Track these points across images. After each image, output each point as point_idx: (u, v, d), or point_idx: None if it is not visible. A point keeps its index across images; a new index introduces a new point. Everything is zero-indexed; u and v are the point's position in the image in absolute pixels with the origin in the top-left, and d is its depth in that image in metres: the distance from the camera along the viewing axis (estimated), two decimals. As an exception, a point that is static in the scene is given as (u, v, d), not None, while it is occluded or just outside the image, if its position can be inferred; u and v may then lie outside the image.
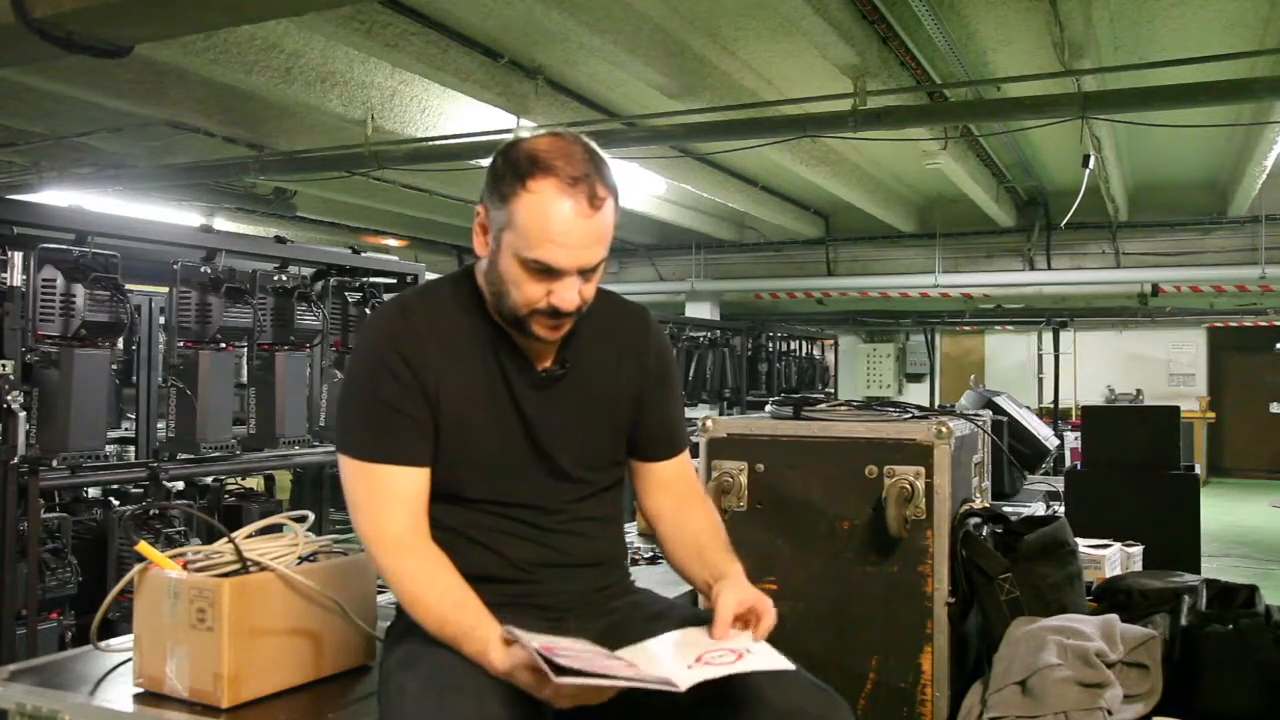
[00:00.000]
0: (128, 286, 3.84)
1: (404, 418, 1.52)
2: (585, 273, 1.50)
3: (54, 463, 3.53)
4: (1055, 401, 11.18)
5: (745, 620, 1.48)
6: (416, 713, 1.38)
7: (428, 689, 1.40)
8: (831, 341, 13.38)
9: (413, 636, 1.53)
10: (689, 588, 2.28)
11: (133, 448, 5.13)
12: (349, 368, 1.64)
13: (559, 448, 1.60)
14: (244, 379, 4.70)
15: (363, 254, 5.11)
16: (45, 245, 3.61)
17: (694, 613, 1.71)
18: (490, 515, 1.58)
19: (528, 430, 1.58)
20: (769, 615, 1.48)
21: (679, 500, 1.72)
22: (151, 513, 3.74)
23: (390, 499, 1.51)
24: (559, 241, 1.44)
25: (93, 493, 4.19)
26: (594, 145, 1.50)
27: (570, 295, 1.48)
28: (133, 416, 5.19)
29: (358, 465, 1.53)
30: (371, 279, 4.92)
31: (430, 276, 5.00)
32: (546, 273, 1.47)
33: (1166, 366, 13.60)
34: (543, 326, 1.52)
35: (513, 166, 1.46)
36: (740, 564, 1.60)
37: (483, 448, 1.57)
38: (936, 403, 10.75)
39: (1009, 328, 13.96)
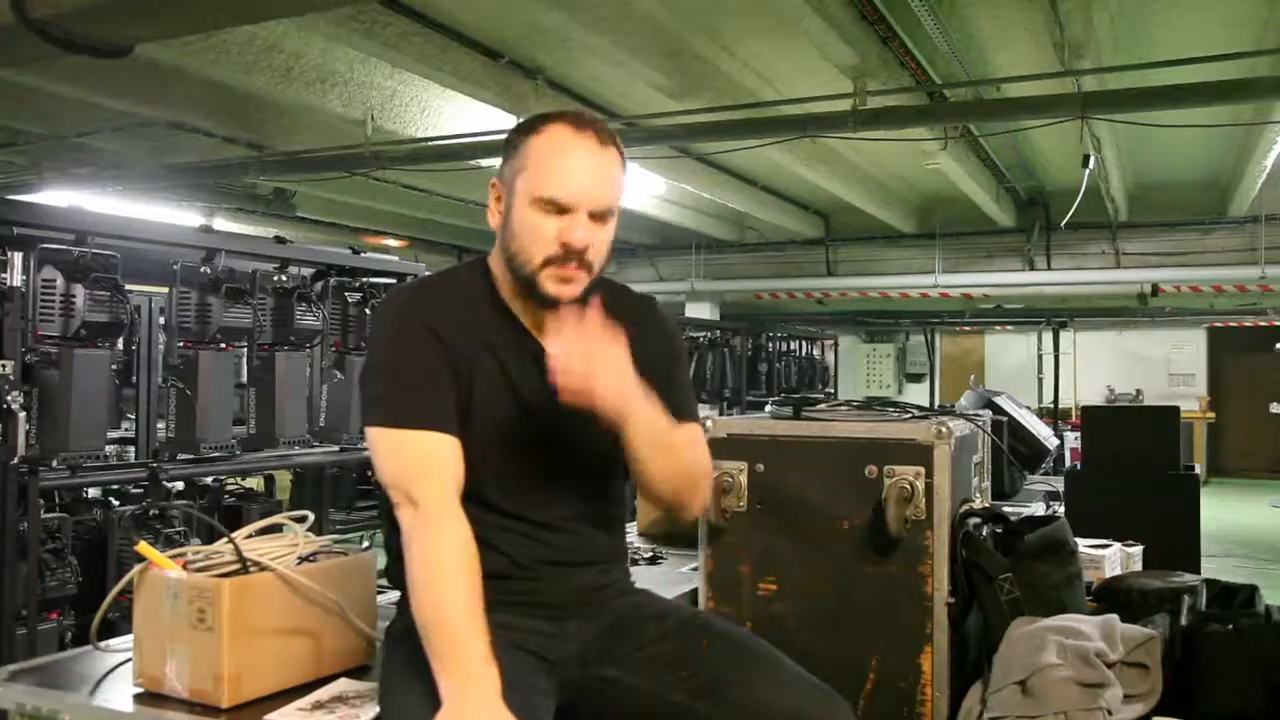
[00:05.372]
0: (128, 286, 3.83)
1: (434, 384, 1.49)
2: (596, 216, 1.51)
3: (54, 463, 3.53)
4: (1055, 401, 11.19)
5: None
6: (422, 712, 1.37)
7: (432, 689, 1.40)
8: (831, 341, 13.39)
9: (414, 638, 1.53)
10: (689, 588, 2.30)
11: (133, 448, 5.12)
12: (372, 341, 1.62)
13: (562, 440, 1.57)
14: (244, 379, 4.70)
15: (363, 254, 5.10)
16: (45, 245, 3.60)
17: (693, 613, 1.71)
18: (494, 512, 1.55)
19: (532, 421, 1.56)
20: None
21: None
22: (151, 513, 3.74)
23: (419, 467, 1.45)
24: (570, 172, 1.48)
25: (93, 493, 4.19)
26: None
27: (580, 233, 1.49)
28: (133, 416, 5.18)
29: (386, 434, 1.47)
30: (371, 279, 4.91)
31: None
32: (558, 211, 1.49)
33: (1166, 366, 13.61)
34: (554, 280, 1.51)
35: (527, 125, 1.55)
36: (674, 430, 1.54)
37: (493, 437, 1.54)
38: (936, 403, 10.74)
39: (1009, 328, 13.97)
